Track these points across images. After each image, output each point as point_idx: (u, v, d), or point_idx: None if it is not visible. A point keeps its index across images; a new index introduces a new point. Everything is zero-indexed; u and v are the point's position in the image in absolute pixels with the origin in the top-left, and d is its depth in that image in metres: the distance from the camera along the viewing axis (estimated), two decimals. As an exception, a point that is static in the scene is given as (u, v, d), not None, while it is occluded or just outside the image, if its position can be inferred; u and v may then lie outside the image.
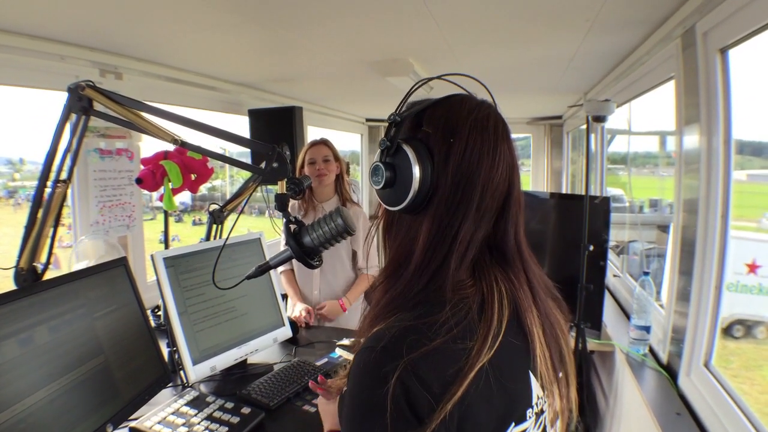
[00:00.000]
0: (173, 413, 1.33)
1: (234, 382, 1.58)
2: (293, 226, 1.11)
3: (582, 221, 2.14)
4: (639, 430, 1.67)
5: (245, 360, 1.67)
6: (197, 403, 1.39)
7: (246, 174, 2.08)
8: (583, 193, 2.16)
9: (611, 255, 2.82)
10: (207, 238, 1.88)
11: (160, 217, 2.03)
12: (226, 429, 1.27)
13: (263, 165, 1.21)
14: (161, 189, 1.89)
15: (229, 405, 1.38)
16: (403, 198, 0.67)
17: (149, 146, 2.43)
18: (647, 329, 1.91)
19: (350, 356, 1.75)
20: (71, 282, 1.18)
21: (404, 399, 0.56)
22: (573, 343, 2.04)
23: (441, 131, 0.67)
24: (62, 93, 1.31)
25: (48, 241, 1.33)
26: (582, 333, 2.08)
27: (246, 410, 1.36)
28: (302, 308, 2.18)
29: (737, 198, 1.46)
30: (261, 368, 1.68)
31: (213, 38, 2.00)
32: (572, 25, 1.85)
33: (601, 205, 2.26)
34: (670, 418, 1.44)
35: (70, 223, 2.12)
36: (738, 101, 1.43)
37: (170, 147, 1.45)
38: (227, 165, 1.57)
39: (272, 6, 1.60)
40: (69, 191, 1.38)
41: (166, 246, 1.97)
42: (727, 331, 3.23)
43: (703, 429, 1.39)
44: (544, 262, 2.60)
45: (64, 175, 1.32)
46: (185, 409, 1.35)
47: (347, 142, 5.95)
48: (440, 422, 0.55)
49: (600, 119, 2.04)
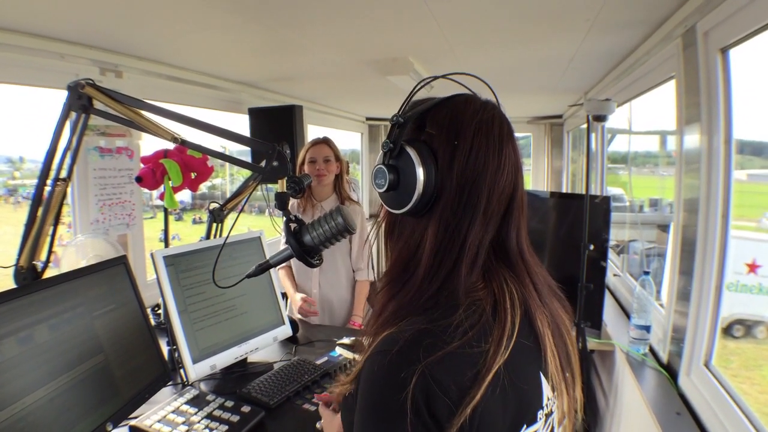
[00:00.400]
0: (173, 412, 1.33)
1: (234, 381, 1.58)
2: (293, 225, 1.11)
3: (582, 220, 2.14)
4: (639, 430, 1.67)
5: (245, 359, 1.67)
6: (197, 402, 1.39)
7: (246, 172, 2.07)
8: (584, 193, 2.16)
9: (611, 254, 2.82)
10: (207, 237, 1.88)
11: (161, 216, 2.03)
12: (226, 428, 1.27)
13: (263, 164, 1.21)
14: (161, 187, 1.89)
15: (229, 404, 1.38)
16: (407, 201, 0.66)
17: (149, 145, 2.43)
18: (647, 329, 1.91)
19: (350, 355, 1.76)
20: (71, 281, 1.18)
21: (424, 404, 0.54)
22: (575, 345, 2.04)
23: (445, 133, 0.66)
24: (62, 91, 1.31)
25: (48, 240, 1.33)
26: (582, 332, 2.08)
27: (246, 409, 1.36)
28: (300, 297, 2.19)
29: (737, 198, 1.45)
30: (261, 367, 1.68)
31: (213, 37, 2.00)
32: (573, 25, 1.85)
33: (602, 205, 2.26)
34: (670, 418, 1.44)
35: (71, 222, 2.12)
36: (738, 101, 1.42)
37: (170, 145, 1.45)
38: (227, 163, 1.57)
39: (273, 5, 1.60)
40: (69, 189, 1.38)
41: (166, 244, 1.97)
42: (727, 331, 3.23)
43: (703, 429, 1.39)
44: (544, 262, 2.56)
45: (64, 174, 1.32)
46: (185, 408, 1.35)
47: (347, 141, 5.95)
48: (460, 427, 0.54)
49: (600, 118, 2.04)
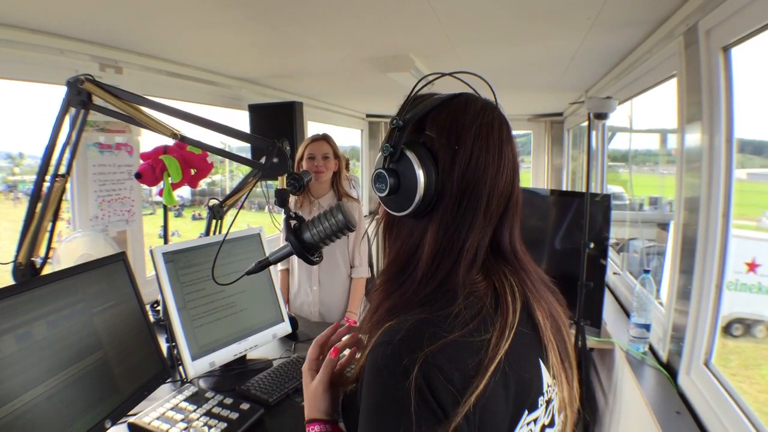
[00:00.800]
0: (172, 409, 1.33)
1: (233, 378, 1.58)
2: (293, 222, 1.10)
3: (582, 218, 2.13)
4: (638, 429, 1.67)
5: (244, 356, 1.67)
6: (196, 399, 1.38)
7: (246, 169, 2.07)
8: (584, 191, 2.16)
9: (611, 253, 2.82)
10: (206, 233, 1.88)
11: (160, 212, 2.03)
12: (225, 425, 1.27)
13: (263, 160, 1.20)
14: (161, 184, 1.88)
15: (228, 401, 1.38)
16: (408, 205, 0.66)
17: (149, 141, 2.43)
18: (647, 327, 1.90)
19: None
20: (70, 277, 1.17)
21: (428, 391, 0.55)
22: (572, 338, 2.04)
23: (445, 136, 0.66)
24: (62, 87, 1.30)
25: (47, 236, 1.32)
26: (582, 330, 2.08)
27: (245, 406, 1.36)
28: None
29: (737, 197, 1.45)
30: (260, 364, 1.68)
31: (214, 33, 1.99)
32: (574, 23, 1.84)
33: (602, 203, 2.26)
34: (670, 417, 1.44)
35: (70, 218, 2.11)
36: (739, 99, 1.42)
37: (170, 142, 1.44)
38: (227, 160, 1.57)
39: (273, 2, 1.59)
40: (68, 185, 1.37)
41: (166, 241, 1.97)
42: (727, 330, 3.24)
43: (703, 428, 1.39)
44: (544, 260, 2.59)
45: (63, 170, 1.32)
46: (184, 405, 1.35)
47: (347, 138, 5.95)
48: (465, 414, 0.55)
49: (601, 116, 2.03)
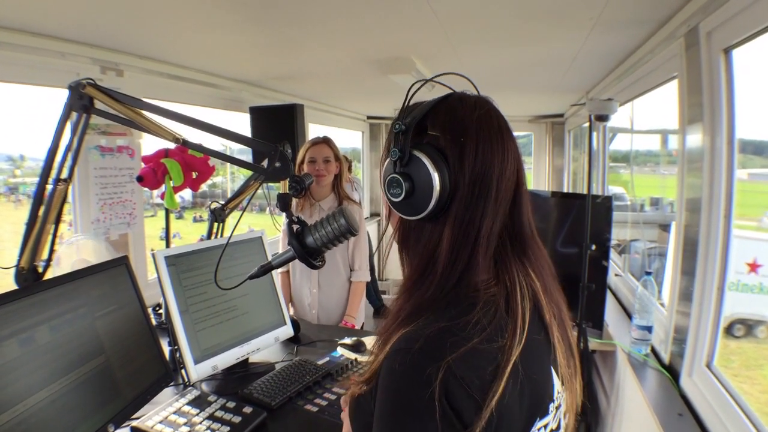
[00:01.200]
0: (175, 413, 1.33)
1: (235, 382, 1.58)
2: (296, 227, 1.10)
3: (584, 220, 2.13)
4: (641, 431, 1.67)
5: (247, 359, 1.67)
6: (199, 403, 1.38)
7: (247, 170, 2.07)
8: (585, 192, 2.16)
9: (613, 254, 2.82)
10: (208, 237, 1.88)
11: (161, 214, 2.03)
12: (228, 428, 1.27)
13: (265, 163, 1.20)
14: (162, 187, 1.88)
15: (231, 404, 1.38)
16: (424, 206, 0.66)
17: (150, 144, 2.43)
18: (649, 329, 1.90)
19: (352, 355, 1.75)
20: (72, 281, 1.17)
21: (447, 401, 0.55)
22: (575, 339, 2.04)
23: (449, 132, 0.66)
24: (63, 90, 1.30)
25: (49, 239, 1.33)
26: (584, 332, 2.08)
27: (248, 410, 1.36)
28: None
29: (738, 197, 1.45)
30: (262, 367, 1.68)
31: (215, 35, 1.99)
32: (575, 24, 1.84)
33: (603, 204, 2.26)
34: (672, 419, 1.44)
35: (71, 220, 2.11)
36: (740, 100, 1.42)
37: (171, 145, 1.44)
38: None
39: (274, 4, 1.59)
40: (70, 189, 1.37)
41: (168, 244, 1.97)
42: (728, 331, 3.23)
43: (705, 430, 1.38)
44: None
45: (65, 174, 1.32)
46: (187, 409, 1.35)
47: (348, 140, 5.95)
48: (487, 420, 0.55)
49: (603, 118, 2.04)
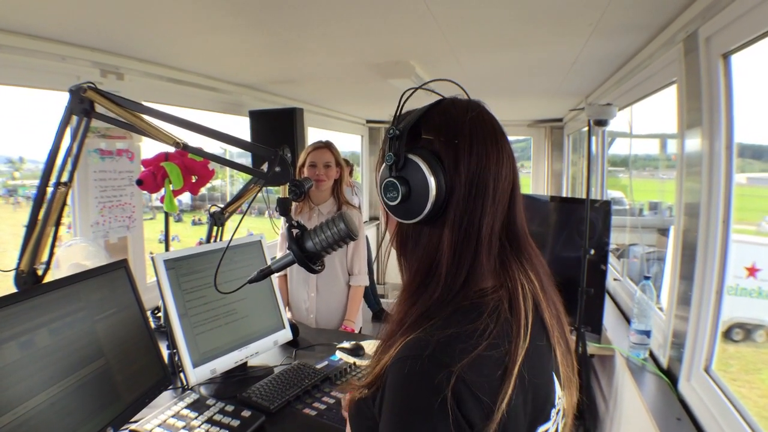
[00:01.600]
0: (173, 416, 1.33)
1: (234, 385, 1.57)
2: (296, 231, 1.10)
3: (582, 225, 2.14)
4: (639, 435, 1.67)
5: (245, 363, 1.67)
6: (197, 406, 1.38)
7: (246, 174, 2.07)
8: (584, 196, 2.16)
9: (611, 258, 2.82)
10: (207, 240, 1.88)
11: (160, 217, 2.03)
12: (227, 432, 1.27)
13: (265, 167, 1.20)
14: (162, 190, 1.88)
15: (230, 408, 1.38)
16: (421, 209, 0.66)
17: (150, 147, 2.43)
18: (647, 333, 1.91)
19: (351, 359, 1.75)
20: (72, 284, 1.18)
21: (458, 409, 0.55)
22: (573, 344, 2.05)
23: (444, 135, 0.67)
24: (63, 93, 1.30)
25: (49, 242, 1.32)
26: (582, 337, 2.08)
27: (246, 413, 1.35)
28: None
29: (737, 201, 1.46)
30: (261, 371, 1.68)
31: (214, 39, 2.00)
32: (575, 29, 1.85)
33: (602, 209, 2.27)
34: (671, 423, 1.44)
35: (70, 222, 2.11)
36: (739, 104, 1.43)
37: (171, 148, 1.45)
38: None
39: (274, 7, 1.60)
40: (69, 192, 1.37)
41: (167, 248, 1.97)
42: (727, 335, 3.24)
43: (704, 434, 1.39)
44: (545, 265, 2.59)
45: (65, 178, 1.32)
46: (185, 412, 1.35)
47: (348, 144, 5.97)
48: (497, 424, 0.55)
49: (602, 123, 2.04)
